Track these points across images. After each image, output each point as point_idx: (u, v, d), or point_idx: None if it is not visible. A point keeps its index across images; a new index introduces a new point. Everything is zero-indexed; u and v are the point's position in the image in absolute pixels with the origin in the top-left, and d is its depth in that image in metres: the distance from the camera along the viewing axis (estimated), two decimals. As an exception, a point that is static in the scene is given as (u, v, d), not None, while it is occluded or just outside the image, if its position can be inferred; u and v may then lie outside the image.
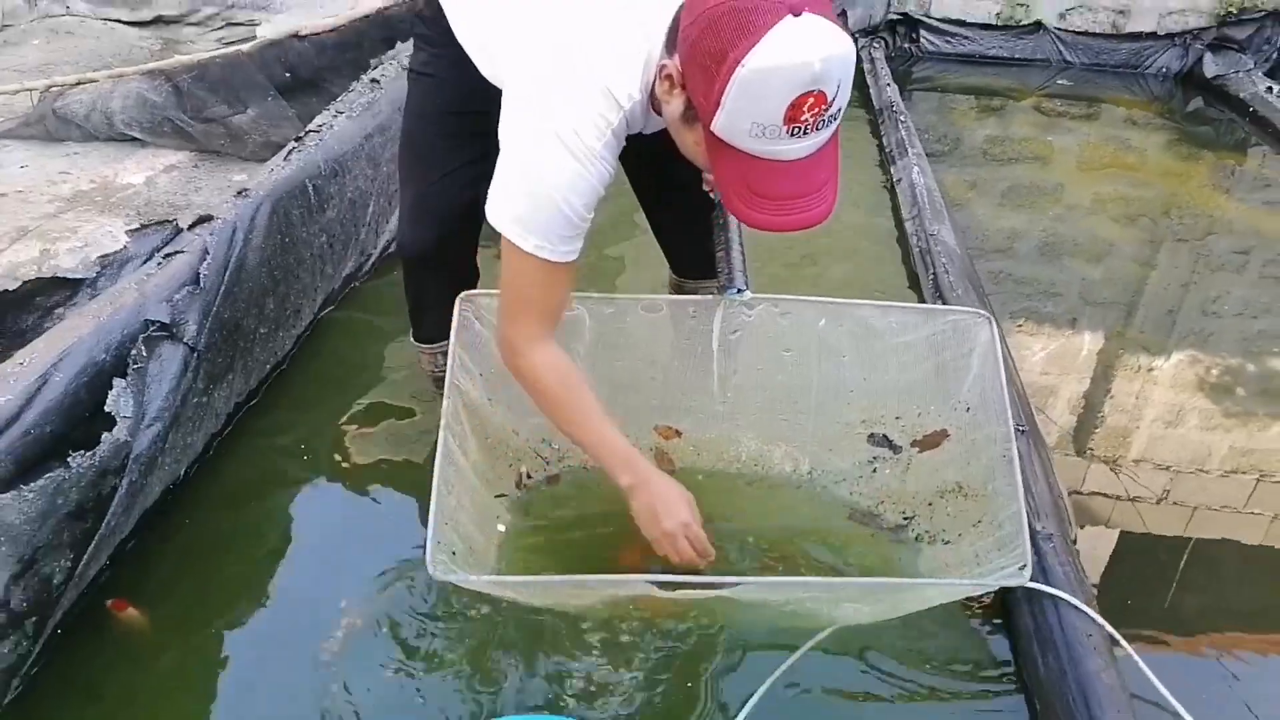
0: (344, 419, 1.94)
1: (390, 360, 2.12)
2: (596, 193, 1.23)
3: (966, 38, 5.08)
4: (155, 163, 3.22)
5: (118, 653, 1.39)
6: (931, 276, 2.62)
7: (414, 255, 1.64)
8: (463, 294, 1.39)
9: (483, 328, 1.38)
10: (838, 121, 1.07)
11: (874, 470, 1.58)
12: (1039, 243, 3.27)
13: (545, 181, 1.18)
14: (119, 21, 4.53)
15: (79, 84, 3.30)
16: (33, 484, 1.19)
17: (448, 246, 1.58)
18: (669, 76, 1.10)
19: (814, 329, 1.45)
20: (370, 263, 2.48)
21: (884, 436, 1.58)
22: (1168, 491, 2.09)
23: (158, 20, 4.57)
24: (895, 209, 3.23)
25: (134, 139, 3.26)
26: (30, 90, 3.36)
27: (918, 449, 1.56)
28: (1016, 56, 5.10)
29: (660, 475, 1.29)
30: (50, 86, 3.32)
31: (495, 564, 1.35)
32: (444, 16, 1.40)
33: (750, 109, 1.01)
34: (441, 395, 1.34)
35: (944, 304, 2.49)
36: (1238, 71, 4.71)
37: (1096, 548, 1.90)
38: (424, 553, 1.14)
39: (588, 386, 1.31)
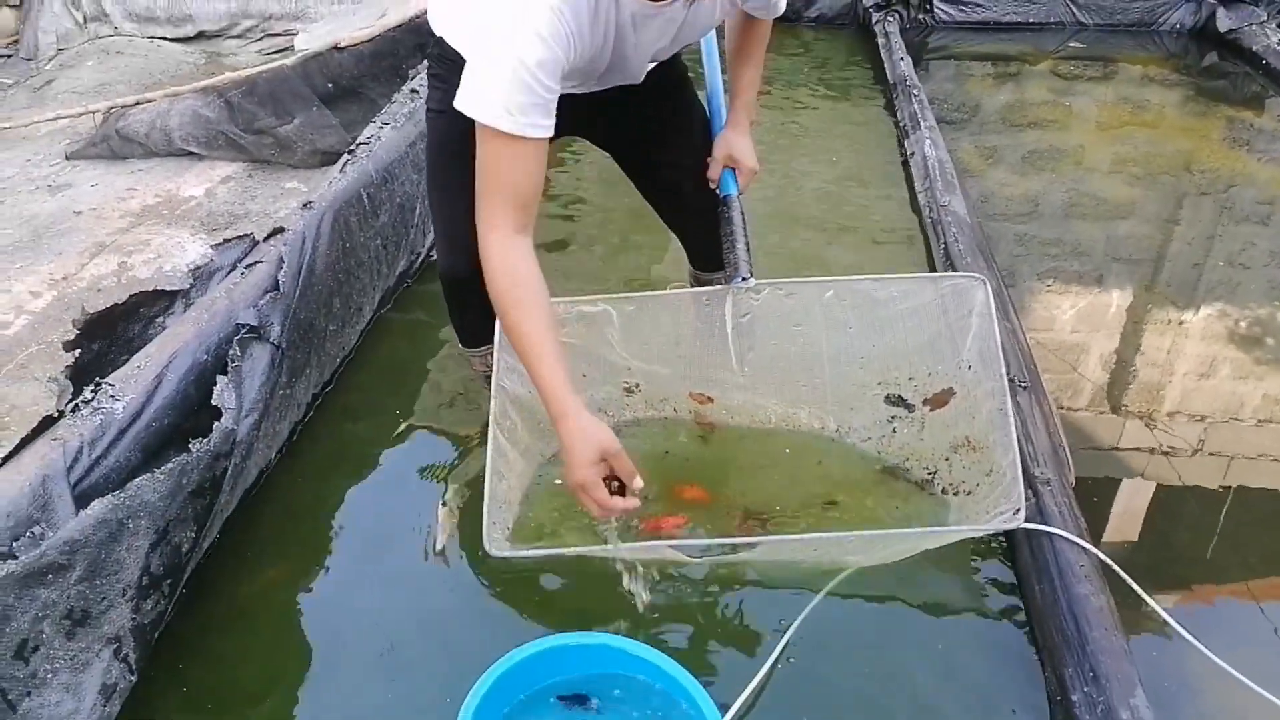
0: (406, 404, 2.15)
1: (441, 353, 2.33)
2: (559, 61, 1.26)
3: (980, 5, 5.14)
4: (212, 175, 3.46)
5: (233, 611, 1.63)
6: (942, 246, 2.76)
7: (450, 280, 1.75)
8: None
9: None
10: None
11: (894, 430, 1.72)
12: (1062, 204, 3.34)
13: (502, 49, 1.23)
14: (164, 39, 4.78)
15: (138, 104, 3.53)
16: (164, 467, 1.41)
17: (480, 269, 1.66)
18: None
19: (818, 305, 1.60)
20: (420, 260, 2.68)
21: (899, 397, 1.71)
22: (1203, 442, 2.15)
23: (200, 35, 4.81)
24: (909, 182, 3.36)
25: (191, 153, 3.49)
26: (93, 112, 3.60)
27: (929, 407, 1.69)
28: (1030, 21, 5.16)
29: (576, 415, 1.28)
30: (111, 108, 3.56)
31: (542, 525, 1.54)
32: (454, 53, 1.53)
33: None
34: (491, 392, 1.48)
35: (952, 269, 2.64)
36: (1250, 25, 4.74)
37: (1134, 501, 1.99)
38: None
39: (539, 301, 1.31)
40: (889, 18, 4.91)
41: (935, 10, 5.16)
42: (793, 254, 2.87)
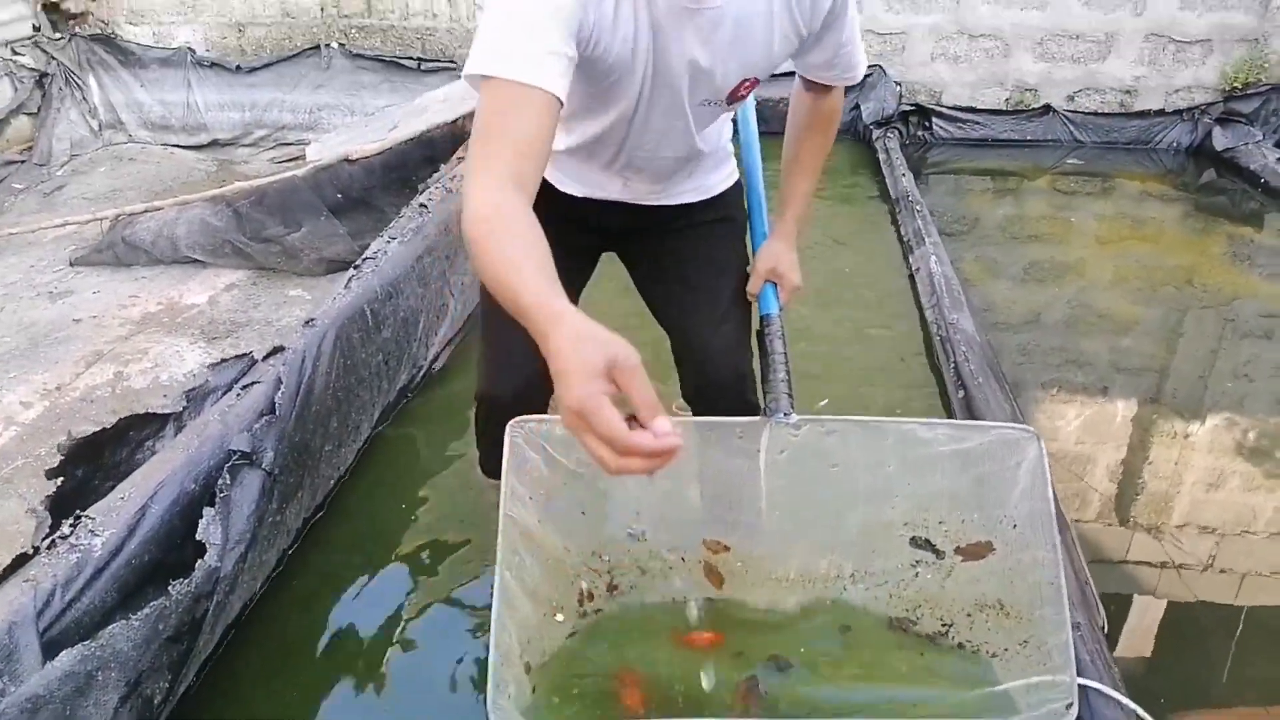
0: (400, 531, 2.06)
1: (441, 473, 2.26)
2: (574, 14, 1.11)
3: (978, 123, 5.26)
4: (216, 282, 3.45)
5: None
6: (952, 365, 2.72)
7: (489, 401, 1.63)
8: (514, 420, 1.39)
9: (533, 452, 1.42)
10: None
11: (916, 575, 1.60)
12: (1064, 315, 3.35)
13: (510, 9, 1.10)
14: (178, 146, 4.87)
15: (146, 211, 3.55)
16: (139, 612, 1.32)
17: (523, 398, 1.56)
18: None
19: (860, 444, 1.49)
20: (421, 374, 2.64)
21: (926, 540, 1.58)
22: (1214, 557, 2.10)
23: (213, 143, 4.90)
24: (916, 297, 3.35)
25: (196, 260, 3.49)
26: (101, 219, 3.62)
27: (961, 557, 1.56)
28: (1028, 138, 5.26)
29: (571, 320, 0.91)
30: (119, 215, 3.58)
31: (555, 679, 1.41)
32: None
33: None
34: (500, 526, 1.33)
35: (965, 391, 2.59)
36: (1247, 144, 4.83)
37: (1145, 617, 1.92)
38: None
39: (528, 235, 1.01)
40: (889, 134, 5.01)
41: (934, 127, 5.28)
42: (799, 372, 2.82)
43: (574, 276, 1.62)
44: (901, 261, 3.68)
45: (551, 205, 1.53)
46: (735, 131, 1.76)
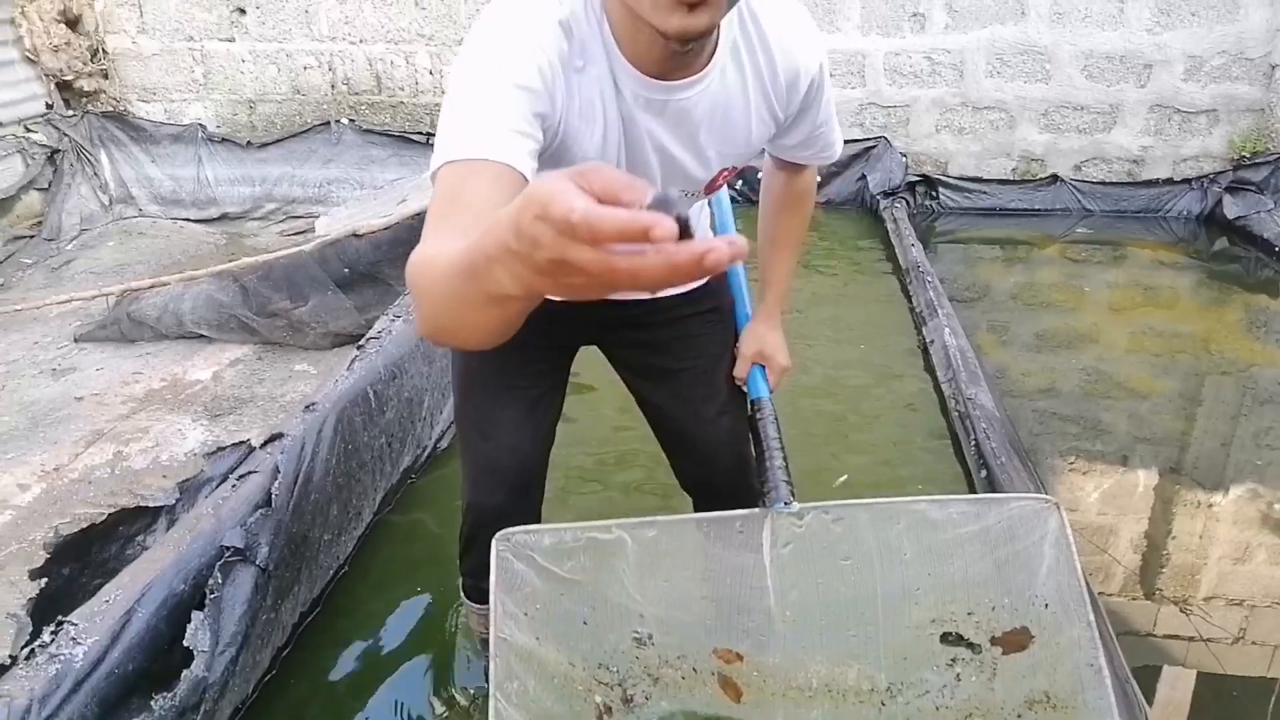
0: (403, 625, 1.97)
1: (448, 560, 2.17)
2: (535, 103, 1.03)
3: (985, 193, 5.26)
4: (221, 357, 3.41)
5: None
6: (973, 442, 2.64)
7: (478, 511, 1.56)
8: (499, 534, 1.31)
9: (522, 565, 1.33)
10: None
11: (958, 677, 1.49)
12: (1080, 383, 3.31)
13: (467, 100, 1.01)
14: (188, 220, 4.88)
15: (152, 287, 3.53)
16: (119, 730, 1.23)
17: (515, 507, 1.52)
18: None
19: (871, 532, 1.40)
20: (426, 454, 2.57)
21: (958, 635, 1.48)
22: (1244, 630, 2.05)
23: (223, 217, 4.92)
24: (930, 369, 3.29)
25: (202, 336, 3.46)
26: (106, 295, 3.60)
27: (1000, 649, 1.46)
28: (1036, 207, 5.26)
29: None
30: (125, 291, 3.56)
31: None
32: None
33: None
34: (488, 655, 1.24)
35: (987, 470, 2.51)
36: (1259, 212, 4.81)
37: (1175, 692, 1.86)
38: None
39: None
40: (896, 204, 5.01)
41: (941, 197, 5.28)
42: (810, 456, 2.75)
43: (553, 372, 1.56)
44: (913, 332, 3.64)
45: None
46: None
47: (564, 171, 0.60)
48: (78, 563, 1.55)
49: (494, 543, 1.29)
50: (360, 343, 2.36)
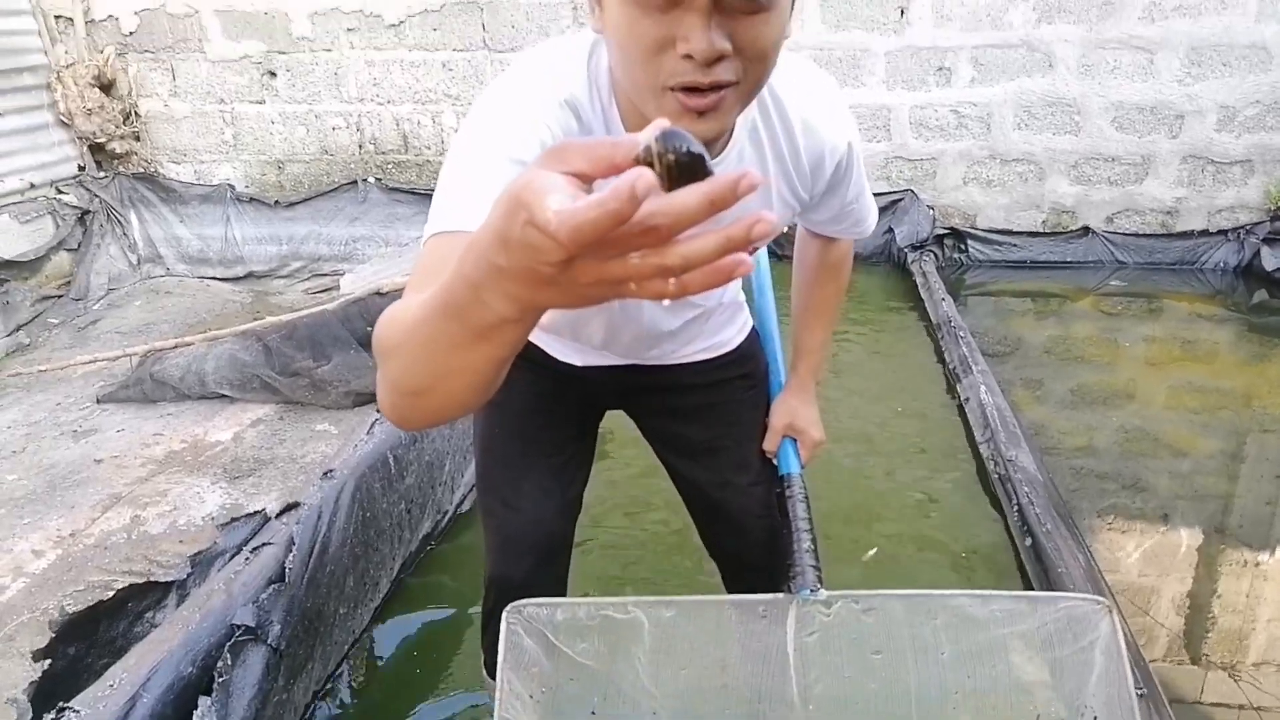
0: (423, 694, 1.88)
1: (469, 627, 2.09)
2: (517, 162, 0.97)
3: (1015, 245, 5.18)
4: (243, 418, 3.38)
5: None
6: (1016, 508, 2.53)
7: (501, 585, 1.50)
8: (510, 605, 1.25)
9: (532, 642, 1.27)
10: None
11: None
12: (1118, 439, 3.20)
13: (460, 169, 0.97)
14: (214, 279, 4.91)
15: (175, 347, 3.52)
16: (115, 832, 1.15)
17: (539, 579, 1.47)
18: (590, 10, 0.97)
19: (905, 627, 1.31)
20: (446, 518, 2.50)
21: None
22: None
23: (249, 275, 4.94)
24: (966, 428, 3.18)
25: (224, 396, 3.43)
26: (130, 355, 3.59)
27: None
28: (1068, 259, 5.17)
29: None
30: (149, 351, 3.55)
31: None
32: None
33: None
34: None
35: (1032, 538, 2.40)
36: (1298, 263, 4.69)
37: None
38: None
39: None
40: (925, 257, 4.94)
41: (970, 250, 5.21)
42: (836, 503, 2.66)
43: (578, 438, 1.51)
44: (946, 389, 3.54)
45: (551, 373, 1.42)
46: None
47: (539, 159, 0.56)
48: (84, 641, 1.48)
49: (505, 614, 1.24)
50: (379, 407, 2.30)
